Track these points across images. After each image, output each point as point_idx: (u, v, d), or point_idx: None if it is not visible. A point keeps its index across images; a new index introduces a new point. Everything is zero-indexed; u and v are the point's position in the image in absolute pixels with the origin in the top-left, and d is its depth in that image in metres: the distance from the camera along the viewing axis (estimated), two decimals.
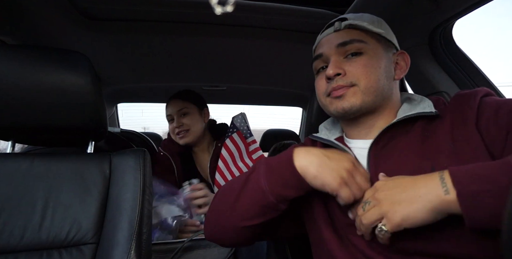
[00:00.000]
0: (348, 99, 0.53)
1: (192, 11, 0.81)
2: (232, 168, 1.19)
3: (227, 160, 1.19)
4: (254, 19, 0.86)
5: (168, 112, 1.23)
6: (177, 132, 1.19)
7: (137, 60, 1.15)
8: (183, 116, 1.20)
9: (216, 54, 1.11)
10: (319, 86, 0.59)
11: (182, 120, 1.19)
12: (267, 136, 1.95)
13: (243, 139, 1.26)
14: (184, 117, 1.20)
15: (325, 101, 0.57)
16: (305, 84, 1.45)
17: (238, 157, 1.23)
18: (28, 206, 0.61)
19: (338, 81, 0.53)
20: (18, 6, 0.74)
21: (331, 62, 0.55)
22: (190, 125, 1.20)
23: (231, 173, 1.18)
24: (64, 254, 0.59)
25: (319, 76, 0.60)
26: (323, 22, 0.90)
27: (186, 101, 1.22)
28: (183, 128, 1.19)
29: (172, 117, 1.22)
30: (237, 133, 1.25)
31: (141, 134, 1.54)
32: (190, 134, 1.20)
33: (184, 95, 1.23)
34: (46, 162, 0.66)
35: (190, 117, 1.21)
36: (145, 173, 0.68)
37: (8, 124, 0.64)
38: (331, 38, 0.57)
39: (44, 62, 0.61)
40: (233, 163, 1.21)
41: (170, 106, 1.22)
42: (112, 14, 0.84)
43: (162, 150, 1.22)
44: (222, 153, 1.19)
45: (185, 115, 1.20)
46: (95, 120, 0.67)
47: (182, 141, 1.19)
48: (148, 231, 0.64)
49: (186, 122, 1.19)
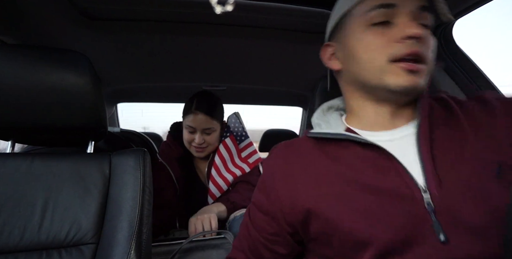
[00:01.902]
0: (422, 77, 0.43)
1: (192, 11, 0.81)
2: (224, 174, 1.16)
3: (219, 167, 1.17)
4: (254, 19, 0.86)
5: (192, 125, 1.12)
6: (196, 146, 1.14)
7: (137, 60, 1.15)
8: (207, 135, 1.14)
9: (216, 54, 1.11)
10: (373, 42, 0.44)
11: (205, 138, 1.14)
12: (267, 136, 1.95)
13: (235, 143, 1.23)
14: (208, 135, 1.14)
15: (385, 65, 0.43)
16: (305, 84, 1.45)
17: (230, 162, 1.20)
18: (28, 206, 0.61)
19: (420, 48, 0.42)
20: (18, 6, 0.74)
21: (411, 20, 0.43)
22: (211, 143, 1.16)
23: (224, 180, 1.16)
24: (64, 254, 0.59)
25: (374, 31, 0.45)
26: (323, 22, 0.90)
27: (214, 119, 1.13)
28: (204, 146, 1.15)
29: (193, 130, 1.13)
30: (230, 137, 1.22)
31: (141, 133, 1.54)
32: (208, 149, 1.16)
33: (212, 112, 1.13)
34: (46, 162, 0.66)
35: (213, 135, 1.15)
36: (145, 172, 0.68)
37: (8, 124, 0.64)
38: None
39: (44, 62, 0.61)
40: (225, 168, 1.18)
41: (196, 121, 1.11)
42: (112, 14, 0.84)
43: (159, 157, 1.18)
44: (215, 160, 1.16)
45: (210, 134, 1.14)
46: (95, 120, 0.67)
47: (197, 154, 1.16)
48: (148, 231, 0.64)
49: (209, 140, 1.14)
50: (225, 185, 1.16)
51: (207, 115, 1.11)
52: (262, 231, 0.50)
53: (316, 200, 0.44)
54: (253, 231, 0.52)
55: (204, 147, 1.15)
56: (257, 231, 0.51)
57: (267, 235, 0.50)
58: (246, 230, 0.53)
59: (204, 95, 1.16)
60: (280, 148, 0.55)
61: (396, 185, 0.41)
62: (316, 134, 0.51)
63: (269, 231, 0.50)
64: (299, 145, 0.53)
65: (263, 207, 0.51)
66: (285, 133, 1.96)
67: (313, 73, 1.28)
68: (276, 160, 0.53)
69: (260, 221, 0.51)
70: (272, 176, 0.51)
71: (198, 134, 1.12)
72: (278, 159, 0.53)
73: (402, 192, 0.40)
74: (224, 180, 1.16)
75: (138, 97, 1.74)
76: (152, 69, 1.27)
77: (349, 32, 0.48)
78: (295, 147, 0.53)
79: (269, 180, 0.51)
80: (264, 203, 0.51)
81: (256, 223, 0.52)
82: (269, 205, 0.49)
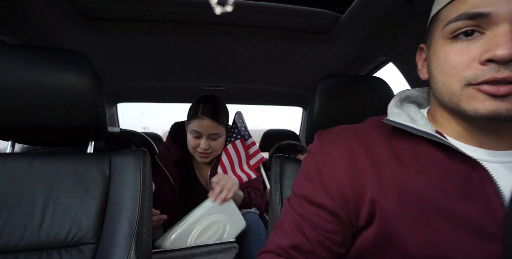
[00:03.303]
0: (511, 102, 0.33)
1: (192, 11, 0.81)
2: (231, 175, 1.15)
3: (226, 168, 1.15)
4: (254, 19, 0.86)
5: (198, 130, 1.10)
6: (201, 152, 1.13)
7: (137, 60, 1.15)
8: (212, 140, 1.13)
9: (216, 54, 1.11)
10: (451, 61, 0.36)
11: (210, 144, 1.12)
12: (267, 136, 1.96)
13: (245, 146, 1.22)
14: (213, 141, 1.13)
15: (460, 89, 0.35)
16: (305, 84, 1.45)
17: (237, 165, 1.19)
18: (28, 206, 0.61)
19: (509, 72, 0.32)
20: (18, 6, 0.74)
21: (505, 37, 0.32)
22: (216, 149, 1.14)
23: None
24: (64, 254, 0.59)
25: (454, 46, 0.36)
26: (323, 22, 0.91)
27: (221, 125, 1.12)
28: (209, 151, 1.13)
29: (199, 135, 1.11)
30: (241, 140, 1.21)
31: (141, 133, 1.54)
32: (212, 155, 1.15)
33: (218, 117, 1.11)
34: (46, 161, 0.66)
35: (219, 141, 1.14)
36: (145, 172, 0.68)
37: (8, 124, 0.64)
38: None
39: (44, 62, 0.61)
40: (232, 171, 1.16)
41: (202, 126, 1.09)
42: (112, 14, 0.84)
43: (158, 159, 1.17)
44: (222, 159, 1.15)
45: (215, 139, 1.13)
46: (95, 120, 0.67)
47: (202, 160, 1.15)
48: (148, 231, 0.64)
49: (214, 146, 1.13)
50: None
51: (213, 121, 1.09)
52: (319, 228, 0.42)
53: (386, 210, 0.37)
54: (308, 229, 0.43)
55: (209, 152, 1.13)
56: (313, 229, 0.43)
57: (325, 232, 0.42)
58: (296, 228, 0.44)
59: (209, 100, 1.14)
60: (339, 133, 0.47)
61: (481, 216, 0.34)
62: (398, 124, 0.41)
63: (327, 227, 0.42)
64: (364, 133, 0.45)
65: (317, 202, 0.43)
66: (285, 133, 1.96)
67: (313, 73, 1.28)
68: (336, 147, 0.44)
69: (313, 215, 0.43)
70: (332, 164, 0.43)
71: (204, 139, 1.10)
72: (338, 146, 0.45)
73: (486, 228, 0.33)
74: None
75: (138, 97, 1.74)
76: (152, 69, 1.27)
77: (432, 40, 0.40)
78: (358, 134, 0.45)
79: (328, 168, 0.43)
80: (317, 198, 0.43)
81: (308, 218, 0.43)
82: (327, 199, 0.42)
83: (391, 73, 1.11)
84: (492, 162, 0.37)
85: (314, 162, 0.45)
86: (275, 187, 0.71)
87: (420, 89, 0.50)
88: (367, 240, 0.39)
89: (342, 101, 0.74)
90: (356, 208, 0.40)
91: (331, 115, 0.74)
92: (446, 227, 0.34)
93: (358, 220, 0.40)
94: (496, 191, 0.34)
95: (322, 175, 0.43)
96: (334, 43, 0.97)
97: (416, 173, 0.38)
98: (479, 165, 0.36)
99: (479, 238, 0.33)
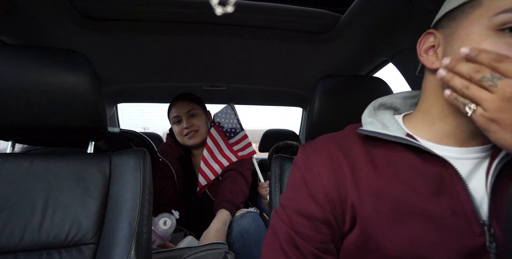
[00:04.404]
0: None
1: (192, 11, 0.81)
2: (212, 164, 1.20)
3: (207, 159, 1.20)
4: (254, 19, 0.86)
5: (175, 114, 1.21)
6: (187, 133, 1.20)
7: (137, 60, 1.15)
8: (192, 117, 1.21)
9: (216, 54, 1.11)
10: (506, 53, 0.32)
11: (191, 121, 1.20)
12: (267, 136, 1.95)
13: (220, 132, 1.28)
14: (193, 118, 1.21)
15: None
16: (305, 84, 1.45)
17: (217, 152, 1.24)
18: (28, 206, 0.61)
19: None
20: (18, 6, 0.74)
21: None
22: (199, 126, 1.21)
23: (211, 170, 1.19)
24: (64, 254, 0.59)
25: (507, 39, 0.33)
26: (323, 22, 0.91)
27: (194, 103, 1.23)
28: (193, 129, 1.20)
29: (179, 119, 1.21)
30: (214, 126, 1.28)
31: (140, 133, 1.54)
32: (199, 134, 1.22)
33: (191, 97, 1.24)
34: (46, 162, 0.66)
35: (198, 118, 1.22)
36: (145, 172, 0.68)
37: (8, 124, 0.64)
38: None
39: (44, 62, 0.61)
40: (213, 159, 1.21)
41: (178, 108, 1.21)
42: (112, 14, 0.84)
43: (160, 156, 1.22)
44: (204, 153, 1.21)
45: (194, 116, 1.22)
46: (95, 120, 0.67)
47: (192, 141, 1.21)
48: (148, 231, 0.64)
49: (196, 123, 1.21)
50: (212, 175, 1.19)
51: (186, 101, 1.21)
52: (311, 241, 0.41)
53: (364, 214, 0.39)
54: (300, 242, 0.42)
55: (194, 130, 1.20)
56: (305, 242, 0.42)
57: (318, 244, 0.41)
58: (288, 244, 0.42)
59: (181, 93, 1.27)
60: (321, 142, 0.48)
61: (452, 212, 0.35)
62: (370, 132, 0.43)
63: (319, 238, 0.41)
64: (343, 141, 0.46)
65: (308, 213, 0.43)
66: (285, 133, 1.96)
67: (313, 73, 1.28)
68: (318, 156, 0.45)
69: (305, 228, 0.42)
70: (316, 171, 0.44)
71: (184, 119, 1.19)
72: (320, 155, 0.45)
73: (459, 223, 0.35)
74: (211, 170, 1.19)
75: (138, 97, 1.74)
76: (152, 69, 1.27)
77: (466, 28, 0.36)
78: (339, 143, 0.46)
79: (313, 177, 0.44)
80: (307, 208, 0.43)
81: (300, 231, 0.42)
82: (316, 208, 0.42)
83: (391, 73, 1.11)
84: (462, 159, 0.39)
85: (300, 173, 0.46)
86: (275, 187, 0.71)
87: (393, 95, 0.52)
88: (351, 243, 0.40)
89: (342, 101, 0.74)
90: (342, 213, 0.41)
91: (331, 115, 0.74)
92: (422, 226, 0.35)
93: (344, 224, 0.41)
94: (463, 187, 0.36)
95: (308, 184, 0.44)
96: (334, 43, 0.97)
97: (392, 177, 0.40)
98: (448, 163, 0.37)
99: (453, 233, 0.34)
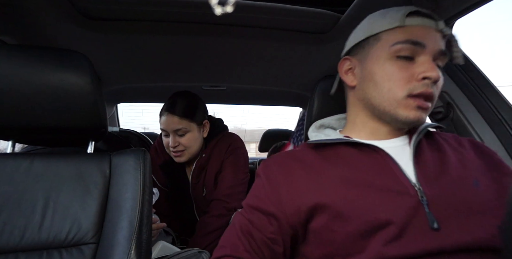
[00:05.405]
0: (427, 113, 0.50)
1: (192, 11, 0.81)
2: None
3: None
4: (254, 19, 0.86)
5: (163, 127, 1.06)
6: (172, 150, 1.07)
7: (137, 60, 1.15)
8: (180, 136, 1.06)
9: (216, 54, 1.11)
10: (396, 74, 0.49)
11: (179, 140, 1.05)
12: (267, 136, 1.96)
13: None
14: (181, 137, 1.05)
15: (402, 99, 0.49)
16: (305, 84, 1.45)
17: None
18: (28, 206, 0.61)
19: (432, 89, 0.48)
20: (18, 6, 0.74)
21: (432, 64, 0.48)
22: (187, 146, 1.06)
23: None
24: (64, 254, 0.59)
25: (398, 63, 0.49)
26: (322, 22, 0.91)
27: (184, 120, 1.04)
28: (179, 149, 1.06)
29: (166, 133, 1.07)
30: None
31: (140, 133, 1.54)
32: (185, 154, 1.08)
33: (182, 112, 1.04)
34: (46, 162, 0.66)
35: (188, 137, 1.06)
36: (145, 172, 0.68)
37: (8, 124, 0.64)
38: (435, 36, 0.49)
39: (44, 62, 0.61)
40: None
41: (165, 122, 1.05)
42: (112, 14, 0.84)
43: None
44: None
45: (183, 135, 1.06)
46: (95, 120, 0.67)
47: (177, 159, 1.09)
48: (148, 231, 0.64)
49: (184, 142, 1.05)
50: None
51: (174, 116, 1.03)
52: (264, 231, 0.50)
53: (323, 196, 0.47)
54: (255, 231, 0.51)
55: (180, 150, 1.06)
56: (259, 231, 0.50)
57: (269, 234, 0.50)
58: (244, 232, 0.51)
59: (177, 96, 1.09)
60: (279, 156, 0.58)
61: (394, 183, 0.46)
62: (316, 141, 0.55)
63: (270, 230, 0.50)
64: (298, 153, 0.57)
65: (264, 209, 0.51)
66: (285, 133, 1.96)
67: (313, 73, 1.29)
68: (276, 167, 0.55)
69: (260, 220, 0.51)
70: (274, 181, 0.52)
71: (171, 137, 1.05)
72: (278, 165, 0.55)
73: (399, 189, 0.46)
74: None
75: (138, 97, 1.74)
76: (152, 69, 1.27)
77: (372, 55, 0.52)
78: (294, 154, 0.56)
79: (270, 185, 0.52)
80: (264, 206, 0.51)
81: (256, 223, 0.51)
82: (272, 207, 0.50)
83: None
84: (387, 147, 0.51)
85: (261, 182, 0.54)
86: None
87: (329, 118, 0.66)
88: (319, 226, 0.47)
89: (342, 101, 0.74)
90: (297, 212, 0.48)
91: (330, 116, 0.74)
92: (371, 193, 0.46)
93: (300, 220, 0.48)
94: (395, 163, 0.49)
95: (267, 192, 0.52)
96: (334, 44, 0.97)
97: (344, 166, 0.50)
98: (380, 150, 0.50)
99: (396, 196, 0.45)
